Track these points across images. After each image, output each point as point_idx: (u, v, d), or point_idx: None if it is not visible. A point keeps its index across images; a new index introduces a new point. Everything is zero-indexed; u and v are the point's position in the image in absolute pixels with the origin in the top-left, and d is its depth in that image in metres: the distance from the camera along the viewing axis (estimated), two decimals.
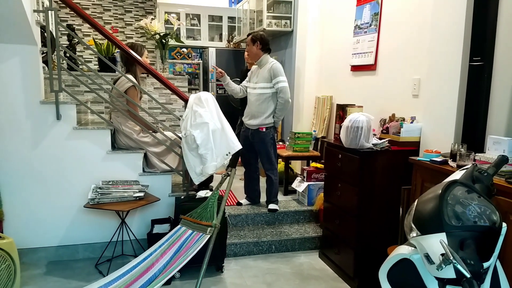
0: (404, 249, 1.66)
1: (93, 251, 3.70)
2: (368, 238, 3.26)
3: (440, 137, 3.03)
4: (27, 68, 3.34)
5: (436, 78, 3.06)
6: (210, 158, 3.43)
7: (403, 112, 3.53)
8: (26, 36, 3.24)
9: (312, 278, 3.48)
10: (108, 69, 4.63)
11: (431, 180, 2.63)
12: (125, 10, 8.91)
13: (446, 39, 2.96)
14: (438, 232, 1.45)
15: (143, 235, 3.65)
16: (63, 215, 3.60)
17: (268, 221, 4.28)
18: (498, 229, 1.48)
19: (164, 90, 5.05)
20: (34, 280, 3.29)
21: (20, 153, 3.43)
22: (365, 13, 4.18)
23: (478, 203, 1.50)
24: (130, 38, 8.93)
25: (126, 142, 3.71)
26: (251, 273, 3.54)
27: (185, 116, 3.53)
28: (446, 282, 1.47)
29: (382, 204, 3.23)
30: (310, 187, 4.44)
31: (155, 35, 5.02)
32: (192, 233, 2.92)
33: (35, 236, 3.56)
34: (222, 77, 4.26)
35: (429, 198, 1.57)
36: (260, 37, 4.15)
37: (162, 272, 2.72)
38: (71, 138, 3.52)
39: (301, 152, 4.85)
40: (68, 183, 3.56)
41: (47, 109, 3.43)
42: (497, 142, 2.42)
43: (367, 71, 4.17)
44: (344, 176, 3.41)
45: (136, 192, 3.47)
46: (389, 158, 3.21)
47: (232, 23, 8.14)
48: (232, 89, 4.36)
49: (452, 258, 1.31)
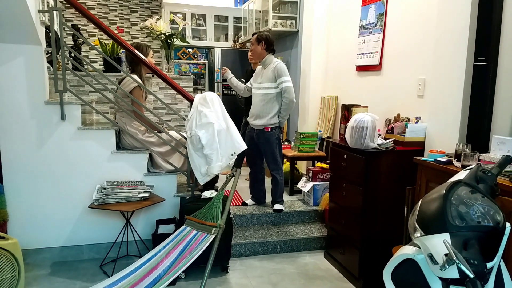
0: (408, 249, 1.66)
1: (97, 251, 3.71)
2: (373, 238, 3.25)
3: (445, 137, 3.01)
4: (32, 68, 3.36)
5: (441, 78, 3.05)
6: (215, 159, 3.44)
7: (408, 112, 3.52)
8: (30, 36, 3.25)
9: (317, 278, 3.48)
10: (113, 69, 4.65)
11: (436, 180, 2.62)
12: (130, 10, 8.94)
13: (451, 39, 2.94)
14: (441, 232, 1.45)
15: (148, 235, 3.66)
16: (68, 215, 3.61)
17: (273, 221, 4.28)
18: (502, 229, 1.47)
19: (169, 90, 5.07)
20: (39, 280, 3.30)
21: (25, 153, 3.44)
22: (370, 13, 4.17)
23: (482, 203, 1.49)
24: (135, 38, 8.96)
25: (131, 142, 3.72)
26: (256, 273, 3.54)
27: (190, 116, 3.53)
28: (449, 282, 1.46)
29: (387, 204, 3.23)
30: (315, 187, 4.44)
31: (161, 35, 5.03)
32: (197, 234, 2.93)
33: (40, 237, 3.58)
34: (225, 73, 4.31)
35: (433, 198, 1.56)
36: (266, 37, 4.15)
37: (167, 272, 2.72)
38: (76, 138, 3.53)
39: (306, 152, 4.84)
40: (73, 184, 3.57)
41: (52, 109, 3.44)
42: (502, 142, 2.41)
43: (372, 71, 4.16)
44: (349, 176, 3.40)
45: (141, 192, 3.47)
46: (394, 158, 3.20)
47: (238, 23, 8.15)
48: (235, 85, 4.42)
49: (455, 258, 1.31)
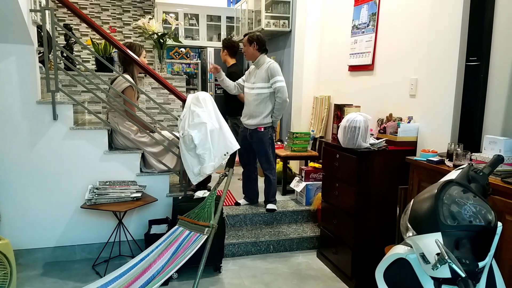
0: (400, 249, 1.66)
1: (90, 251, 3.69)
2: (365, 237, 3.26)
3: (437, 137, 3.03)
4: (24, 68, 3.34)
5: (433, 78, 3.06)
6: (208, 158, 3.43)
7: (400, 112, 3.53)
8: (22, 35, 3.23)
9: (310, 278, 3.48)
10: (106, 69, 4.63)
11: (428, 180, 2.64)
12: (123, 10, 8.89)
13: (443, 40, 2.96)
14: (433, 231, 1.45)
15: (141, 235, 3.64)
16: (60, 215, 3.59)
17: (266, 221, 4.28)
18: (494, 229, 1.48)
19: (162, 90, 5.05)
20: (31, 281, 3.28)
21: (16, 153, 3.42)
22: (363, 13, 4.18)
23: (474, 203, 1.50)
24: (128, 38, 8.92)
25: (124, 142, 3.70)
26: (249, 273, 3.54)
27: (183, 116, 3.53)
28: (441, 281, 1.47)
29: (380, 203, 3.24)
30: (308, 187, 4.44)
31: (153, 35, 5.02)
32: (190, 234, 2.92)
33: (32, 237, 3.55)
34: (218, 73, 4.29)
35: (425, 197, 1.57)
36: (257, 38, 4.15)
37: (160, 272, 2.71)
38: (68, 138, 3.51)
39: (299, 152, 4.85)
40: (65, 184, 3.55)
41: (44, 109, 3.42)
42: (493, 141, 2.43)
43: (365, 71, 4.17)
44: (342, 175, 3.41)
45: (134, 192, 3.46)
46: (386, 158, 3.21)
47: (230, 23, 8.14)
48: (226, 85, 4.41)
49: (447, 257, 1.31)
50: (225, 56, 5.30)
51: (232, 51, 5.26)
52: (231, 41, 5.31)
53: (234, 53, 5.29)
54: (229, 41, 5.30)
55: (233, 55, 5.28)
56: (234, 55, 5.29)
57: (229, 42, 5.27)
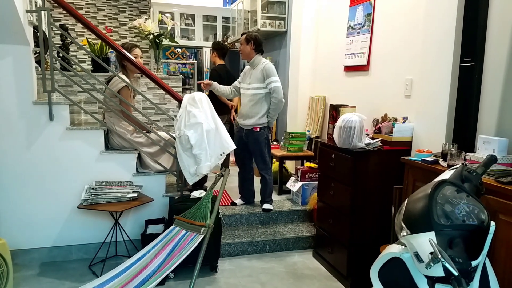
0: (394, 248, 1.68)
1: (86, 252, 3.70)
2: (361, 237, 3.28)
3: (431, 137, 3.05)
4: (20, 68, 3.33)
5: (428, 79, 3.08)
6: (204, 158, 3.44)
7: (395, 112, 3.55)
8: (18, 36, 3.23)
9: (306, 277, 3.50)
10: (102, 69, 4.62)
11: (423, 180, 2.66)
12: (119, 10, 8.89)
13: (437, 40, 2.98)
14: (427, 231, 1.46)
15: (137, 235, 3.65)
16: (56, 216, 3.59)
17: (262, 221, 4.29)
18: (487, 228, 1.50)
19: (158, 90, 5.06)
20: (27, 281, 3.28)
21: (13, 153, 3.42)
22: (358, 14, 4.20)
23: (467, 202, 1.52)
24: (124, 38, 8.91)
25: (120, 143, 3.71)
26: (245, 273, 3.55)
27: (179, 116, 3.53)
28: (435, 280, 1.48)
29: (375, 203, 3.26)
30: (304, 187, 4.46)
31: (149, 35, 5.02)
32: (186, 234, 2.93)
33: (28, 237, 3.55)
34: (211, 86, 4.31)
35: (419, 197, 1.58)
36: (255, 38, 4.17)
37: (156, 272, 2.72)
38: (64, 138, 3.51)
39: (295, 152, 4.86)
40: (61, 184, 3.55)
41: (40, 109, 3.42)
42: (487, 141, 2.45)
43: (360, 71, 4.19)
44: (338, 175, 3.42)
45: (130, 192, 3.47)
46: (382, 158, 3.23)
47: (226, 23, 8.16)
48: (222, 92, 4.41)
49: (440, 256, 1.32)
50: (214, 58, 5.52)
51: (221, 53, 5.48)
52: (220, 44, 5.57)
53: (223, 55, 5.50)
54: (219, 44, 5.56)
55: (222, 57, 5.49)
56: (222, 57, 5.50)
57: (218, 45, 5.53)
